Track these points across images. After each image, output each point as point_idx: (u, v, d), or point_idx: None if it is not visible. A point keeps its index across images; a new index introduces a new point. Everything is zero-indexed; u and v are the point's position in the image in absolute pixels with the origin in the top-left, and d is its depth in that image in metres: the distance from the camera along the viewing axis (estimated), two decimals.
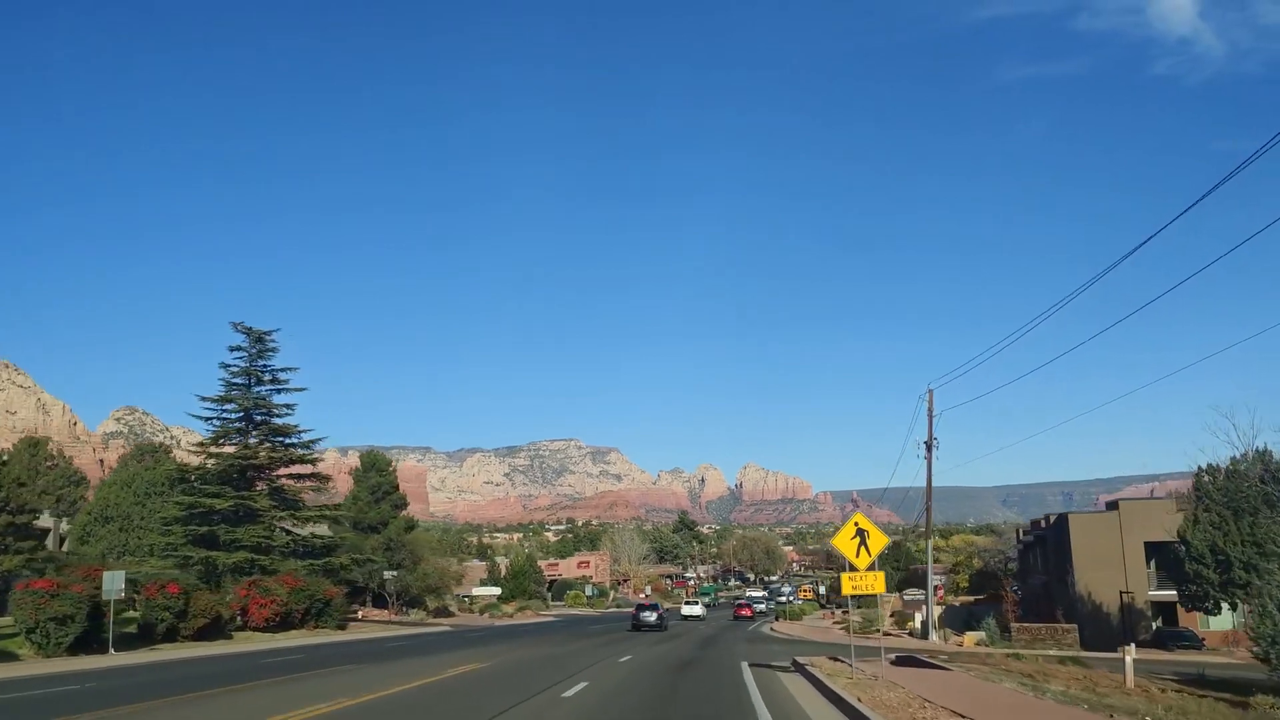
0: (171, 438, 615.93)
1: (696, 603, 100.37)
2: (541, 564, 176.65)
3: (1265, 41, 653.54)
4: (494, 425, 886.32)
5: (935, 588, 63.39)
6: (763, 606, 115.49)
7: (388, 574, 76.50)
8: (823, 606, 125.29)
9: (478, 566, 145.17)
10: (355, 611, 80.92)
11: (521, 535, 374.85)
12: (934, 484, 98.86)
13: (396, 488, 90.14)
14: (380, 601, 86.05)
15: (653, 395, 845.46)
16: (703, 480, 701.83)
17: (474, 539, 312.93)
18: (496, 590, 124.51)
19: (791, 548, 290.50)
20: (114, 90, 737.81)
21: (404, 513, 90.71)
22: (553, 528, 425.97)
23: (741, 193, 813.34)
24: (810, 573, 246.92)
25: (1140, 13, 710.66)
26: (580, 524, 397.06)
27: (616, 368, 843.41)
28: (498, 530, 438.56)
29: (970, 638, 57.49)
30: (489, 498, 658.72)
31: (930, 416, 61.28)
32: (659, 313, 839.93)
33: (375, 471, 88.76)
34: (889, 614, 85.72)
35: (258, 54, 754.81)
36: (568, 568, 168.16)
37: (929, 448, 60.97)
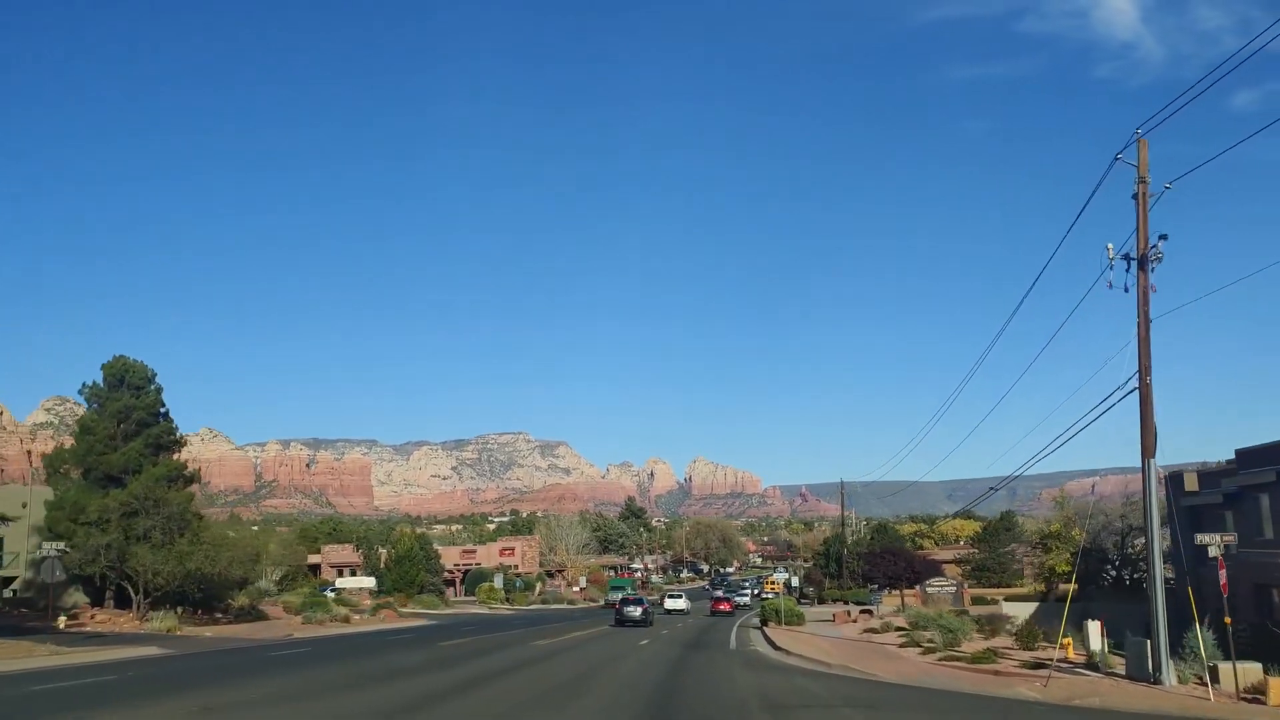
0: None
1: (680, 596, 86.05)
2: (455, 550, 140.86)
3: (1204, 48, 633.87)
4: (442, 418, 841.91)
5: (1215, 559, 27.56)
6: (746, 599, 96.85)
7: (48, 549, 40.57)
8: (800, 600, 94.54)
9: (349, 552, 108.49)
10: (55, 619, 44.86)
11: (461, 526, 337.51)
12: (875, 480, 66.52)
13: (161, 416, 53.95)
14: (123, 599, 50.33)
15: (602, 389, 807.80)
16: (652, 474, 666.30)
17: (409, 530, 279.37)
18: (370, 582, 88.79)
19: (748, 538, 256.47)
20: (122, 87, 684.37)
21: (177, 456, 54.56)
22: (496, 519, 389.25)
23: (690, 188, 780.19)
24: (770, 564, 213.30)
25: (1084, 16, 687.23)
26: (524, 515, 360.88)
27: (566, 361, 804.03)
28: (438, 522, 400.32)
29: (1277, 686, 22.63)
30: (435, 491, 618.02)
31: (1142, 199, 26.85)
32: (608, 306, 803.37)
33: (127, 390, 52.45)
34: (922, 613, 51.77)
35: (238, 45, 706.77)
36: (488, 555, 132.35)
37: (1142, 265, 26.56)
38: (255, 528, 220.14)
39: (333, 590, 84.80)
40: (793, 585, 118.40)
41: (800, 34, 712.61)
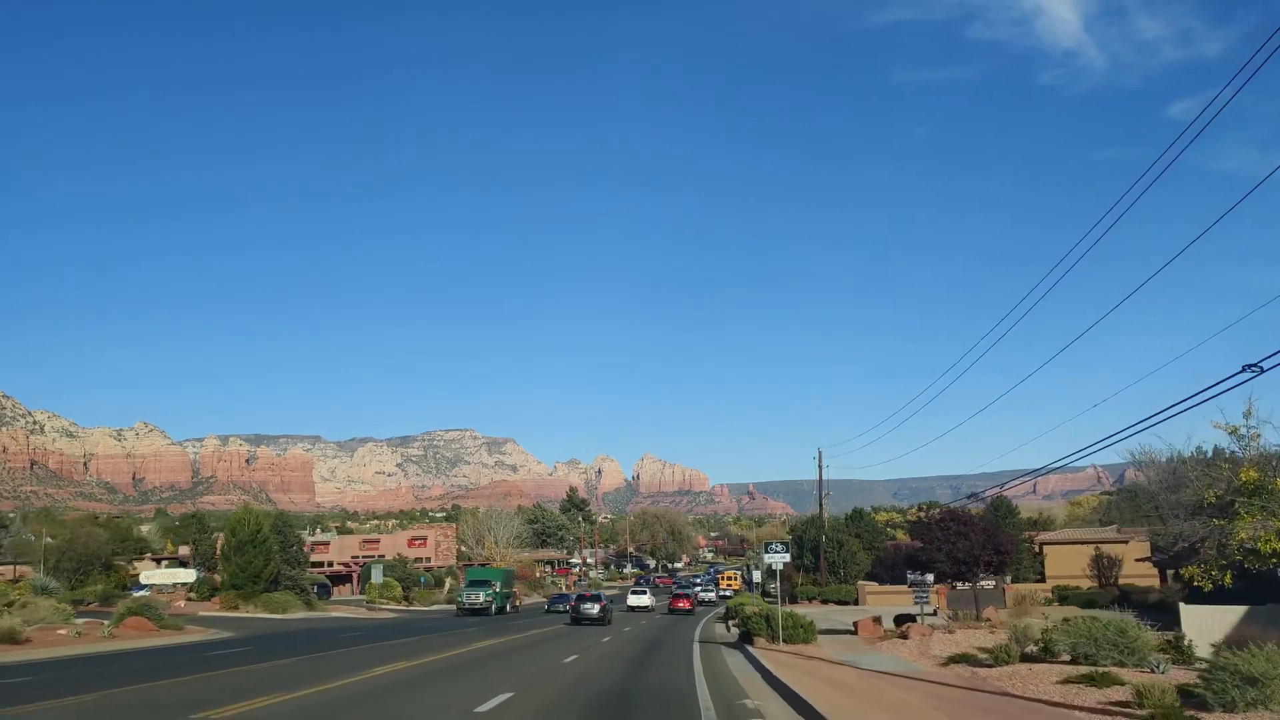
0: (34, 422, 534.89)
1: (644, 591, 79.61)
2: (354, 541, 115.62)
3: (1144, 57, 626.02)
4: (387, 414, 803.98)
5: None
6: (712, 595, 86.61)
7: None
8: (766, 598, 72.75)
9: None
10: None
11: (398, 522, 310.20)
12: (825, 479, 45.60)
13: None
14: None
15: (551, 386, 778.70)
16: (599, 472, 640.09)
17: (339, 523, 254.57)
18: (189, 575, 63.65)
19: (698, 533, 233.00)
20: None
21: None
22: (436, 515, 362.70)
23: (643, 185, 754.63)
24: (722, 559, 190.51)
25: (1028, 24, 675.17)
26: (466, 510, 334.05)
27: (514, 358, 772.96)
28: (376, 517, 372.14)
29: None
30: (380, 488, 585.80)
31: None
32: (556, 302, 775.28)
33: None
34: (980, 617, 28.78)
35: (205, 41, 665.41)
36: (393, 546, 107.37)
37: None
38: (176, 523, 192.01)
39: (142, 588, 59.80)
40: (754, 581, 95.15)
41: (751, 33, 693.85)
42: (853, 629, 34.45)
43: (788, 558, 31.18)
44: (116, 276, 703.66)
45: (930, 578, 33.99)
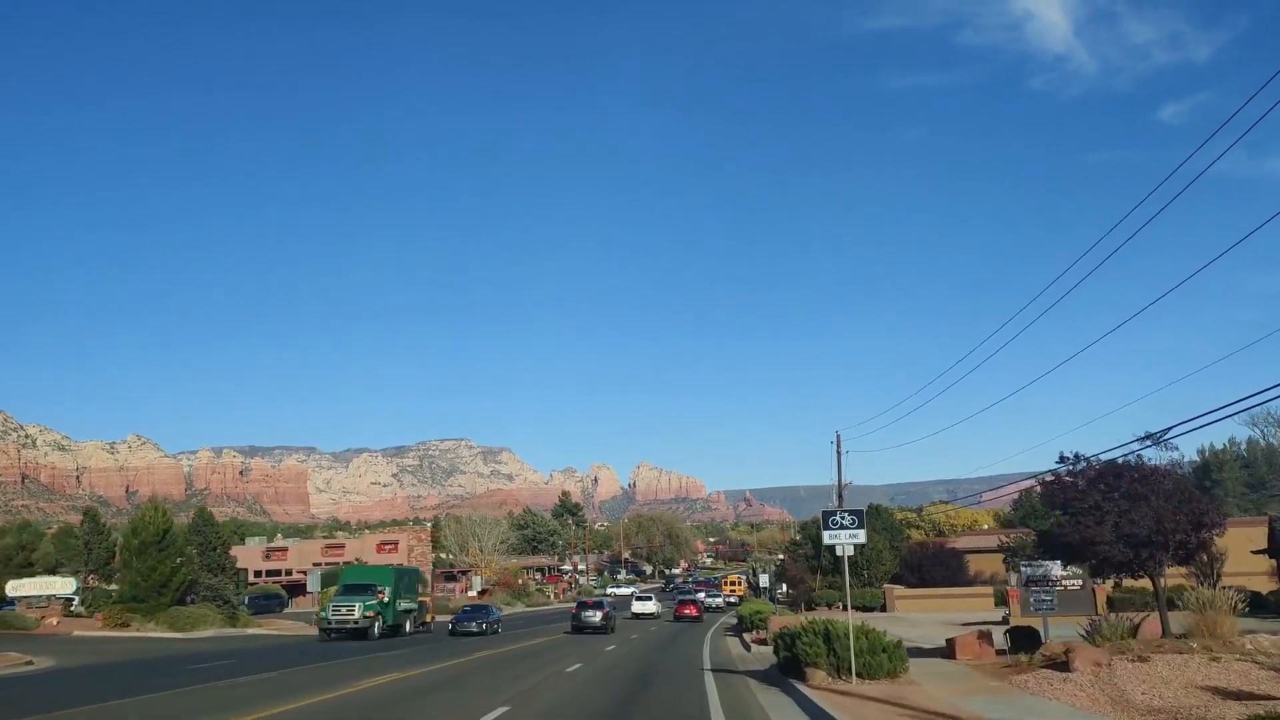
0: (26, 436, 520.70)
1: (649, 598, 74.23)
2: (316, 546, 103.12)
3: (1134, 61, 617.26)
4: (382, 425, 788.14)
5: None
6: (718, 601, 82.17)
7: None
8: (775, 604, 63.96)
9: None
10: None
11: (383, 529, 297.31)
12: (824, 481, 40.00)
13: None
14: None
15: (546, 395, 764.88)
16: (596, 480, 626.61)
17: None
18: (65, 585, 51.03)
19: (696, 539, 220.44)
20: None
21: None
22: (428, 524, 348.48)
23: (638, 189, 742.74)
24: (723, 564, 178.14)
25: (1018, 29, 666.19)
26: (451, 516, 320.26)
27: (509, 367, 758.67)
28: (368, 528, 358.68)
29: None
30: (375, 499, 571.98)
31: None
32: (552, 311, 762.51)
33: None
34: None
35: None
36: (360, 551, 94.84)
37: None
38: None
39: (9, 603, 47.43)
40: (761, 585, 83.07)
41: (746, 38, 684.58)
42: (947, 649, 22.28)
43: (862, 536, 19.11)
44: (108, 288, 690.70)
45: (1057, 571, 21.63)
